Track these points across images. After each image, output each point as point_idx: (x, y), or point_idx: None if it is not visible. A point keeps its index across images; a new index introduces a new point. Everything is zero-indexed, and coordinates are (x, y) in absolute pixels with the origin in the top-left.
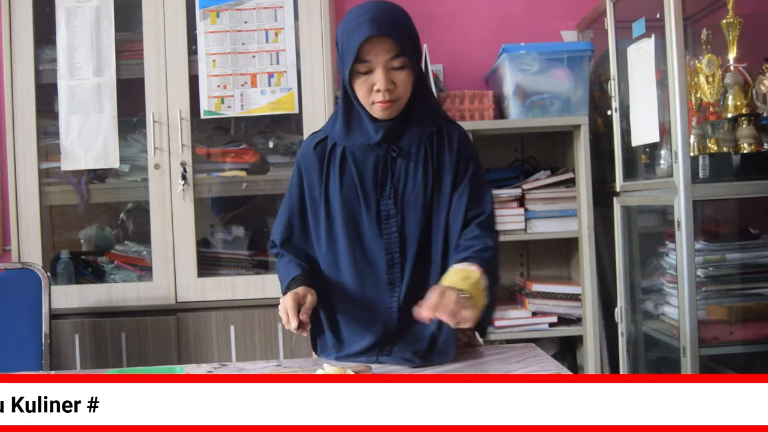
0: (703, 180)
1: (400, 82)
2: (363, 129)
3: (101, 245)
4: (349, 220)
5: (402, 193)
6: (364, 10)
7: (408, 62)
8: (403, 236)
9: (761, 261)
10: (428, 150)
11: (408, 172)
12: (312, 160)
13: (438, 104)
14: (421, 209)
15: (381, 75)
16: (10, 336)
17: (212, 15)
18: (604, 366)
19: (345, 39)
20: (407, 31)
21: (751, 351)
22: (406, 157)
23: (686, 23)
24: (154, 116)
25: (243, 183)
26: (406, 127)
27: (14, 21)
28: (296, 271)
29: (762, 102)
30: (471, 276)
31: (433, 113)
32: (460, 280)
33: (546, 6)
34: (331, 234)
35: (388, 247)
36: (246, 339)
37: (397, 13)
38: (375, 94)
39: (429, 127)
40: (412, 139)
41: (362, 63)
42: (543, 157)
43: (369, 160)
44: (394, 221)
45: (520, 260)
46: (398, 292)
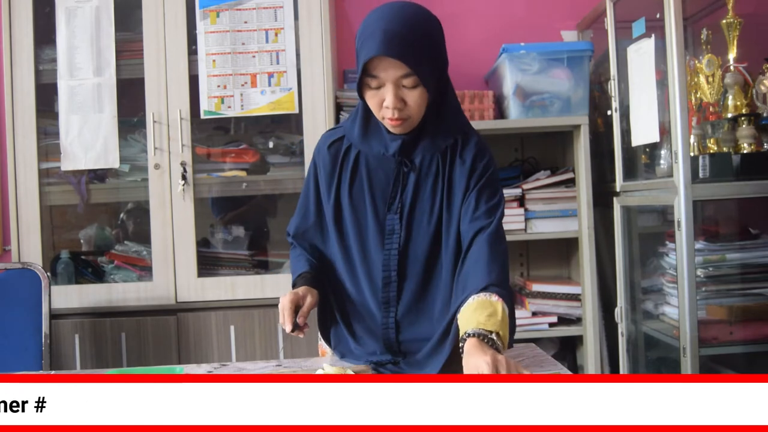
0: (703, 180)
1: (411, 101)
2: (380, 137)
3: (101, 245)
4: (356, 227)
5: (409, 209)
6: (383, 15)
7: (421, 81)
8: (405, 254)
9: (761, 261)
10: (440, 166)
11: (418, 188)
12: (326, 159)
13: (460, 114)
14: (429, 227)
15: (390, 93)
16: (10, 336)
17: (212, 15)
18: (604, 366)
19: (359, 45)
20: (423, 48)
21: (751, 351)
22: (418, 172)
23: (686, 23)
24: (154, 116)
25: (243, 183)
26: (422, 141)
27: (14, 21)
28: (303, 267)
29: (762, 102)
30: (496, 311)
31: (452, 125)
32: (486, 318)
33: (546, 6)
34: (342, 235)
35: (386, 264)
36: (246, 339)
37: (417, 25)
38: (384, 110)
39: (445, 140)
40: (425, 153)
41: (372, 78)
42: (543, 157)
43: (381, 170)
44: (397, 237)
45: (520, 260)
46: (393, 311)
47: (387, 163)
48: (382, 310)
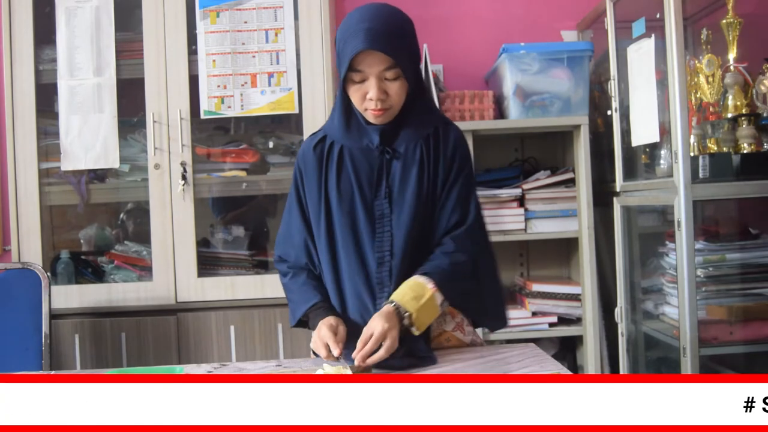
0: (703, 180)
1: (393, 92)
2: (361, 129)
3: (101, 245)
4: (346, 218)
5: (398, 194)
6: (363, 17)
7: (402, 73)
8: (398, 236)
9: (761, 261)
10: (424, 152)
11: (404, 173)
12: (312, 160)
13: (435, 106)
14: (415, 209)
15: (374, 85)
16: (10, 336)
17: (212, 15)
18: (604, 366)
19: (341, 45)
20: (403, 42)
21: (751, 351)
22: (402, 158)
23: (686, 23)
24: (154, 116)
25: (243, 183)
26: (403, 130)
27: (14, 21)
28: (315, 296)
29: (762, 102)
30: (423, 296)
31: (431, 115)
32: (411, 299)
33: (546, 6)
34: (330, 231)
35: (380, 246)
36: (246, 339)
37: (395, 23)
38: (368, 101)
39: (426, 129)
40: (408, 141)
41: (356, 72)
42: (543, 157)
43: (366, 160)
44: (388, 221)
45: (520, 260)
46: (387, 291)
47: (371, 153)
48: (378, 292)
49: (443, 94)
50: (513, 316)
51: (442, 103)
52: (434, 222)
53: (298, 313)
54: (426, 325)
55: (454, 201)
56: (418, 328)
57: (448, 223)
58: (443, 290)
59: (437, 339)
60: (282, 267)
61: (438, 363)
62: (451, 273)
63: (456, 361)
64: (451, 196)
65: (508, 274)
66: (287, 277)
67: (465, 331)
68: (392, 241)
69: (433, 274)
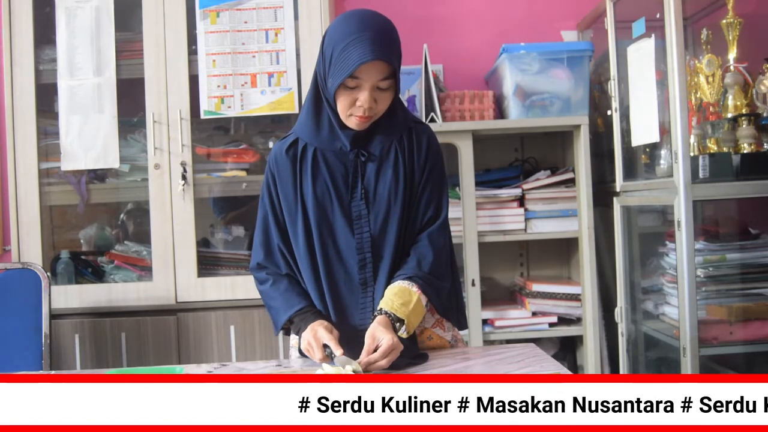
0: (703, 180)
1: (382, 101)
2: (334, 132)
3: (101, 245)
4: (323, 221)
5: (373, 194)
6: (362, 26)
7: (394, 83)
8: (377, 236)
9: (761, 261)
10: (398, 152)
11: (379, 174)
12: (285, 165)
13: (405, 106)
14: (395, 207)
15: (367, 94)
16: (10, 336)
17: (212, 15)
18: (604, 366)
19: (338, 52)
20: (398, 51)
21: (751, 351)
22: (376, 160)
23: (686, 23)
24: (154, 116)
25: (243, 183)
26: (375, 133)
27: (14, 21)
28: (301, 302)
29: (762, 102)
30: (411, 300)
31: (403, 117)
32: (400, 305)
33: (546, 6)
34: (308, 234)
35: (359, 247)
36: (246, 339)
37: (392, 33)
38: (356, 108)
39: (399, 130)
40: (382, 142)
41: (352, 79)
42: (543, 157)
43: (340, 162)
44: (366, 221)
45: (520, 260)
46: (371, 291)
47: (345, 156)
48: (360, 293)
49: (443, 94)
50: (513, 316)
51: (442, 103)
52: (410, 219)
53: (283, 318)
54: (415, 327)
55: (428, 197)
56: (409, 332)
57: (423, 219)
58: (426, 292)
59: (419, 337)
60: (260, 275)
61: (441, 364)
62: (430, 273)
63: (456, 361)
64: (426, 193)
65: (508, 274)
66: (267, 284)
67: (444, 327)
68: (372, 241)
69: (415, 277)
